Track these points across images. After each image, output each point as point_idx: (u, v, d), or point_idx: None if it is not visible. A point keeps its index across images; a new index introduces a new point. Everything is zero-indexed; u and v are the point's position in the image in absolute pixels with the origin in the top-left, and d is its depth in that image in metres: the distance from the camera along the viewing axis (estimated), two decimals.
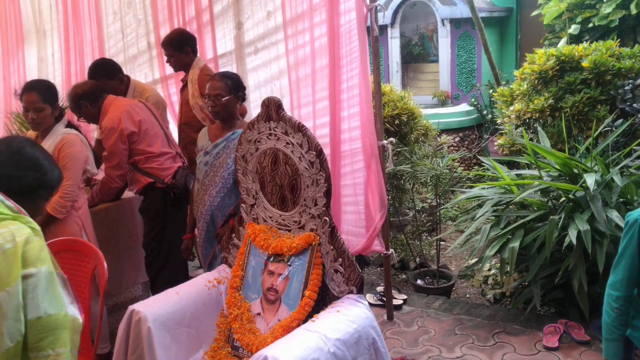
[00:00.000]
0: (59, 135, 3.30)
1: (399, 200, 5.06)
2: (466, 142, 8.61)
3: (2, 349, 1.50)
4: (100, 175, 3.81)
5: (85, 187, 3.52)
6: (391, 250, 3.75)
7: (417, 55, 10.50)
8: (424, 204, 5.79)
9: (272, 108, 2.76)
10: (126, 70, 4.80)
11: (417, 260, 4.96)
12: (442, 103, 9.57)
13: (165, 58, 4.20)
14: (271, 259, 2.86)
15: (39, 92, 3.23)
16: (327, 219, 2.69)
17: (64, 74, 5.27)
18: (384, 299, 3.94)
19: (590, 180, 3.43)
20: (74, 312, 1.74)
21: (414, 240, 5.07)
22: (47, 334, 1.63)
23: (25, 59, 5.55)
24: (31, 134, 3.45)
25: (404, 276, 5.02)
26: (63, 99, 3.97)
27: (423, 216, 5.41)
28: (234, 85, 3.13)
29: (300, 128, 2.67)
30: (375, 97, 3.56)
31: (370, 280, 4.94)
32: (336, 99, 3.54)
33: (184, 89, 4.23)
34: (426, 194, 5.77)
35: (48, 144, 3.28)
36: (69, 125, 3.43)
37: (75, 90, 3.63)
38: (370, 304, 4.06)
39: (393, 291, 4.01)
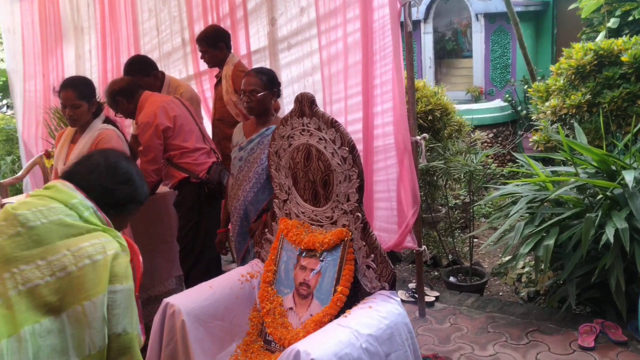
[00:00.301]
0: (96, 130, 3.36)
1: (431, 197, 5.03)
2: (500, 139, 8.51)
3: (83, 354, 1.54)
4: None
5: None
6: (424, 246, 3.73)
7: (450, 50, 10.40)
8: (457, 201, 5.74)
9: (305, 104, 2.77)
10: (161, 67, 4.86)
11: (449, 257, 4.92)
12: (476, 99, 9.47)
13: (199, 54, 4.24)
14: (303, 254, 2.87)
15: (75, 89, 3.30)
16: (360, 214, 2.69)
17: (100, 71, 5.36)
18: (416, 295, 3.92)
19: (628, 177, 3.36)
20: (139, 331, 1.77)
21: (446, 237, 5.04)
22: (126, 351, 1.67)
23: (63, 56, 5.66)
24: (70, 130, 3.52)
25: (436, 273, 4.99)
26: (100, 95, 4.04)
27: (456, 213, 5.37)
28: (269, 81, 3.15)
29: (333, 124, 2.67)
30: (408, 92, 3.54)
31: (402, 277, 4.93)
32: (369, 94, 3.53)
33: (218, 85, 4.26)
34: (459, 190, 5.72)
35: (85, 140, 3.35)
36: (107, 120, 3.49)
37: (112, 87, 3.70)
38: (402, 301, 4.05)
39: (425, 288, 3.99)
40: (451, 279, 4.57)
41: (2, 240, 1.53)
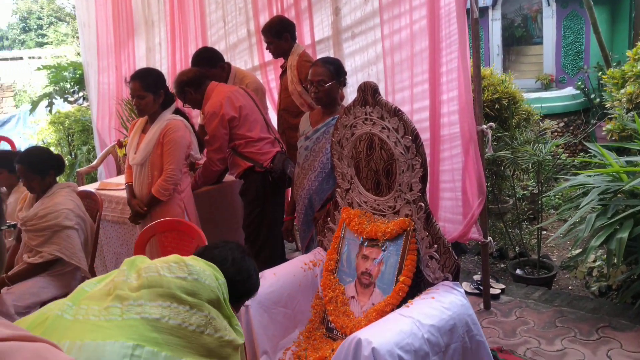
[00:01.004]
0: (165, 121, 3.46)
1: (498, 187, 4.91)
2: (571, 128, 8.20)
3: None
4: (203, 160, 3.97)
5: (188, 171, 3.68)
6: (489, 238, 3.66)
7: (519, 37, 10.08)
8: (525, 192, 5.59)
9: (368, 93, 2.76)
10: (227, 58, 4.94)
11: (516, 249, 4.81)
12: (546, 87, 9.16)
13: (264, 45, 4.29)
14: (365, 244, 2.87)
15: (141, 81, 3.40)
16: (423, 204, 2.67)
17: (169, 62, 5.51)
18: (481, 287, 3.86)
19: None
20: None
21: (513, 229, 4.92)
22: None
23: (135, 49, 5.85)
24: (142, 120, 3.63)
25: (502, 265, 4.88)
26: (170, 86, 4.16)
27: (524, 204, 5.23)
28: (336, 71, 3.15)
29: (396, 112, 2.65)
30: (474, 80, 3.47)
31: (467, 268, 4.85)
32: (436, 82, 3.49)
33: (283, 75, 4.30)
34: (527, 181, 5.57)
35: (155, 130, 3.46)
36: (178, 112, 3.59)
37: (180, 78, 3.80)
38: (467, 293, 3.99)
39: (490, 280, 3.92)
40: (518, 271, 4.47)
41: (170, 277, 1.67)
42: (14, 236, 3.59)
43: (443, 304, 2.46)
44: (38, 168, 3.28)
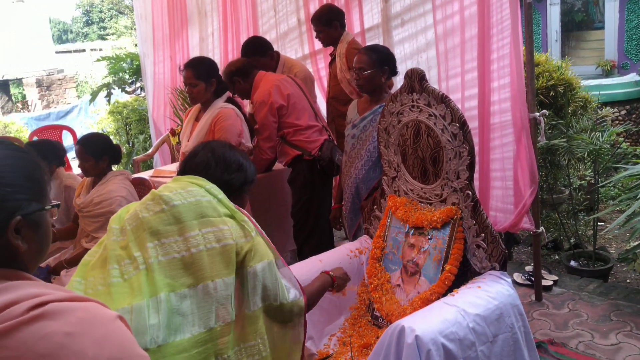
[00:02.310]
0: (216, 109, 3.52)
1: (553, 177, 4.78)
2: (634, 116, 7.89)
3: (208, 325, 1.68)
4: None
5: None
6: (541, 228, 3.57)
7: (579, 22, 9.75)
8: (582, 182, 5.42)
9: (415, 79, 2.73)
10: (277, 47, 4.98)
11: (571, 240, 4.68)
12: (607, 73, 8.84)
13: (314, 34, 4.30)
14: (411, 232, 2.85)
15: (193, 69, 3.47)
16: (470, 192, 2.63)
17: (221, 52, 5.59)
18: (533, 278, 3.78)
19: None
20: (294, 295, 1.95)
21: (568, 220, 4.78)
22: (287, 319, 1.93)
23: (188, 39, 5.96)
24: (196, 108, 3.70)
25: (556, 257, 4.76)
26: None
27: (580, 194, 5.07)
28: (379, 59, 3.13)
29: (443, 99, 2.62)
30: (527, 67, 3.38)
31: (520, 259, 4.76)
32: (485, 69, 3.42)
33: (332, 63, 4.30)
34: (584, 170, 5.39)
35: (206, 118, 3.52)
36: (230, 100, 3.64)
37: (229, 68, 3.86)
38: (518, 284, 3.92)
39: (543, 271, 3.83)
40: (572, 263, 4.35)
41: (149, 216, 1.72)
42: (70, 219, 3.73)
43: (489, 293, 2.42)
44: (93, 150, 3.39)
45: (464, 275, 2.66)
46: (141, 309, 1.56)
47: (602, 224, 5.28)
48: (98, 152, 3.41)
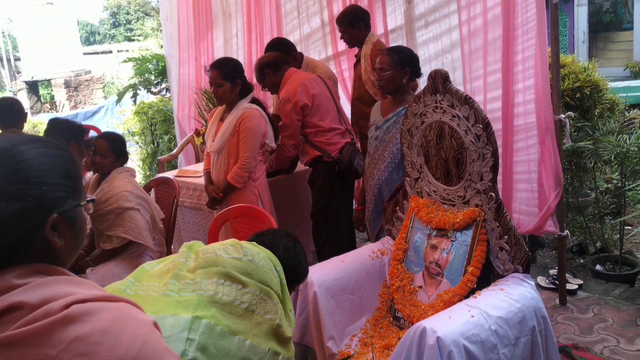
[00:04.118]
0: (241, 110, 3.55)
1: (578, 180, 4.72)
2: None
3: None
4: None
5: (264, 160, 3.74)
6: (566, 231, 3.54)
7: (607, 23, 9.61)
8: (609, 185, 5.34)
9: (438, 80, 2.73)
10: (301, 48, 5.00)
11: (597, 244, 4.61)
12: (636, 75, 8.70)
13: (338, 35, 4.30)
14: (434, 233, 2.85)
15: (219, 69, 3.50)
16: (493, 194, 2.62)
17: (245, 53, 5.62)
18: (557, 282, 3.74)
19: None
20: None
21: (594, 223, 4.71)
22: None
23: (213, 41, 6.01)
24: (221, 109, 3.73)
25: (581, 261, 4.70)
26: (249, 76, 4.24)
27: (606, 197, 5.00)
28: (400, 60, 3.13)
29: (466, 100, 2.61)
30: (552, 68, 3.35)
31: (544, 262, 4.71)
32: (509, 71, 3.39)
33: (357, 64, 4.30)
34: (611, 173, 5.31)
35: (231, 118, 3.55)
36: (255, 101, 3.66)
37: (261, 60, 3.90)
38: (542, 287, 3.88)
39: (568, 275, 3.79)
40: (598, 267, 4.29)
41: (226, 257, 1.78)
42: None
43: (512, 296, 2.41)
44: (117, 149, 3.45)
45: (486, 277, 2.65)
46: (185, 321, 1.58)
47: (629, 227, 5.19)
48: (120, 151, 3.47)
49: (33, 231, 1.01)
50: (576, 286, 3.83)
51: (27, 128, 10.10)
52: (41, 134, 9.19)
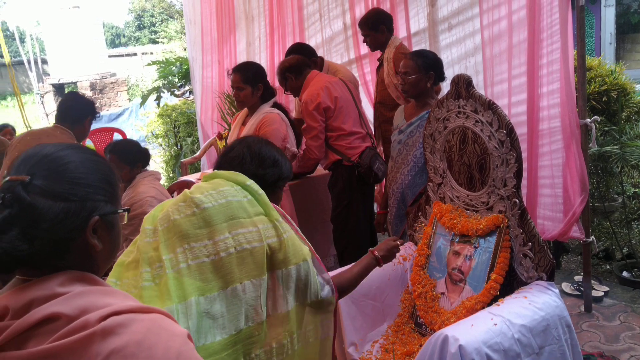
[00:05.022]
0: (262, 114, 3.55)
1: (605, 185, 4.64)
2: None
3: (238, 327, 1.69)
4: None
5: None
6: (592, 237, 3.48)
7: (635, 24, 9.44)
8: (637, 189, 5.24)
9: (461, 85, 2.70)
10: (323, 51, 5.00)
11: (624, 250, 4.53)
12: None
13: (360, 38, 4.29)
14: (457, 239, 2.82)
15: (241, 73, 3.51)
16: (517, 200, 2.58)
17: (268, 56, 5.64)
18: (582, 289, 3.68)
19: None
20: (327, 292, 1.95)
21: (621, 229, 4.63)
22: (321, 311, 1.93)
23: (236, 44, 6.03)
24: (244, 112, 3.74)
25: (607, 267, 4.62)
26: (271, 79, 4.24)
27: (633, 202, 4.91)
28: (424, 64, 3.11)
29: (490, 105, 2.58)
30: (578, 72, 3.30)
31: (569, 268, 4.63)
32: (534, 75, 3.35)
33: (379, 68, 4.28)
34: (638, 178, 5.22)
35: (252, 122, 3.56)
36: (277, 106, 3.66)
37: (283, 64, 3.91)
38: (567, 294, 3.83)
39: (593, 282, 3.73)
40: (624, 273, 4.21)
41: (180, 218, 1.72)
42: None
43: (536, 304, 2.37)
44: (128, 159, 3.48)
45: (509, 284, 2.61)
46: (176, 311, 1.59)
47: None
48: (133, 160, 3.49)
49: (75, 231, 1.04)
50: (602, 293, 3.77)
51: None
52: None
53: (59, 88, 16.09)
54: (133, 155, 3.51)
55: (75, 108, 3.66)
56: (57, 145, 1.11)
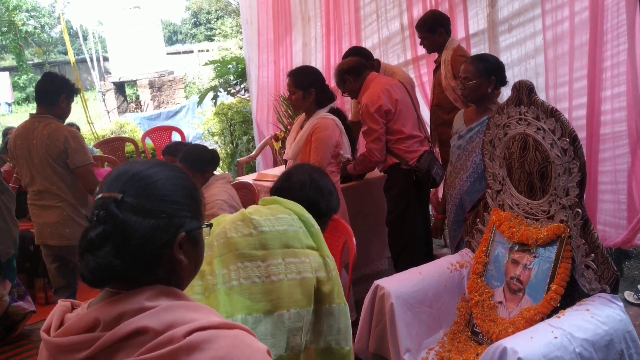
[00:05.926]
0: (316, 119, 3.55)
1: None
2: None
3: (278, 353, 1.73)
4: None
5: (337, 170, 3.69)
6: None
7: None
8: None
9: (523, 92, 2.65)
10: (380, 52, 4.98)
11: None
12: None
13: (418, 40, 4.26)
14: (516, 248, 2.78)
15: (294, 78, 3.52)
16: (580, 210, 2.52)
17: (324, 56, 5.66)
18: None
19: None
20: (350, 347, 1.95)
21: None
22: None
23: (292, 44, 6.08)
24: (303, 116, 3.75)
25: None
26: (328, 80, 4.23)
27: None
28: (485, 69, 3.06)
29: (553, 113, 2.53)
30: None
31: (632, 275, 4.48)
32: (596, 78, 3.27)
33: (436, 70, 4.23)
34: None
35: (307, 126, 3.56)
36: (334, 111, 3.64)
37: (342, 66, 3.90)
38: (630, 303, 3.71)
39: None
40: None
41: (237, 237, 1.78)
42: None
43: (599, 317, 2.32)
44: (199, 167, 3.56)
45: (570, 296, 2.56)
46: None
47: None
48: (203, 167, 3.57)
49: (163, 247, 1.07)
50: None
51: (114, 128, 10.59)
52: (127, 135, 9.57)
53: (119, 86, 16.58)
54: (204, 163, 3.60)
55: (48, 90, 3.59)
56: (145, 162, 1.14)
